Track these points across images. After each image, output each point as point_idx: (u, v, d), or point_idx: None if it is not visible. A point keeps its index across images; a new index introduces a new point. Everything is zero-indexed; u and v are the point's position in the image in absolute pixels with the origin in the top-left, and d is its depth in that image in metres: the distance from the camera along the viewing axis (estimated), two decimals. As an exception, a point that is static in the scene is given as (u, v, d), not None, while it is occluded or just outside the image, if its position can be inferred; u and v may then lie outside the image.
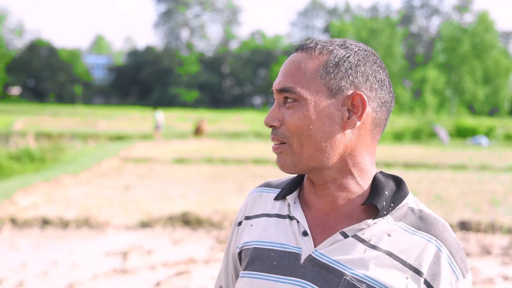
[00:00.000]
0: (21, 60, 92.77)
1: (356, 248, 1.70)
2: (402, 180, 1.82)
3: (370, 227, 1.72)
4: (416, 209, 1.77)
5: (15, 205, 11.75)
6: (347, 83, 1.71)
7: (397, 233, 1.72)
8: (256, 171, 17.49)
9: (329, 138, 1.71)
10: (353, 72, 1.72)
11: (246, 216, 1.94)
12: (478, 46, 74.44)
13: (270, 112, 1.76)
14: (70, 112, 57.46)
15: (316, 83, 1.71)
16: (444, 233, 1.73)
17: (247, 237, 1.88)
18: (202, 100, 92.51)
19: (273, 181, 1.99)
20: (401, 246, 1.70)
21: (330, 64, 1.72)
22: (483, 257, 8.83)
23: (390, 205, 1.75)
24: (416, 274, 1.67)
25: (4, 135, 29.13)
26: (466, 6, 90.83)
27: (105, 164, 18.24)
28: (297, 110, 1.71)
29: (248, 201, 1.98)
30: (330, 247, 1.72)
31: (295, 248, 1.76)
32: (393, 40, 77.67)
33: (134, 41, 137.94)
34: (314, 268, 1.71)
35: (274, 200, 1.90)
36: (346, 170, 1.75)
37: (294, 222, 1.80)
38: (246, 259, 1.83)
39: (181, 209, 11.44)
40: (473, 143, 32.42)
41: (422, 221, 1.74)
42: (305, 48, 1.76)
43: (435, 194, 13.69)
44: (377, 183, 1.77)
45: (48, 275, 7.76)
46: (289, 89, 1.71)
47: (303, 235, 1.76)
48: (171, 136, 30.64)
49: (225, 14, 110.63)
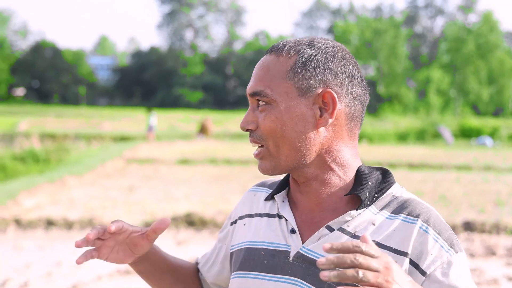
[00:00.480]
0: (25, 61, 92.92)
1: (342, 241, 1.70)
2: (388, 171, 1.82)
3: (355, 218, 1.73)
4: (400, 197, 1.78)
5: (19, 206, 11.77)
6: (316, 81, 1.72)
7: (380, 221, 1.72)
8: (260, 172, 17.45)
9: (303, 138, 1.73)
10: (321, 70, 1.73)
11: (240, 216, 1.97)
12: (483, 46, 74.35)
13: (245, 116, 1.80)
14: (74, 113, 57.56)
15: (286, 85, 1.73)
16: (426, 213, 1.73)
17: (239, 238, 1.91)
18: (206, 101, 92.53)
19: (268, 181, 2.02)
20: (385, 233, 1.70)
21: (297, 64, 1.73)
22: (487, 258, 8.82)
23: (374, 195, 1.75)
24: (401, 255, 1.67)
25: (8, 136, 29.18)
26: (470, 6, 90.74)
27: (109, 165, 18.25)
28: (269, 113, 1.73)
29: (244, 200, 2.00)
30: (317, 243, 1.72)
31: (284, 246, 1.77)
32: (397, 40, 77.63)
33: (138, 42, 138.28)
34: (303, 264, 1.72)
35: (265, 200, 1.92)
36: (326, 166, 1.76)
37: (283, 221, 1.82)
38: (239, 260, 1.85)
39: (185, 210, 11.44)
40: (477, 143, 32.38)
41: (404, 205, 1.74)
42: (274, 50, 1.79)
43: (439, 195, 13.67)
44: (360, 175, 1.78)
45: (52, 276, 7.78)
46: (260, 93, 1.74)
47: (291, 232, 1.78)
48: (175, 137, 30.65)
49: (229, 15, 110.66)
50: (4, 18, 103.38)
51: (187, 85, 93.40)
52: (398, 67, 76.93)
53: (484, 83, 73.43)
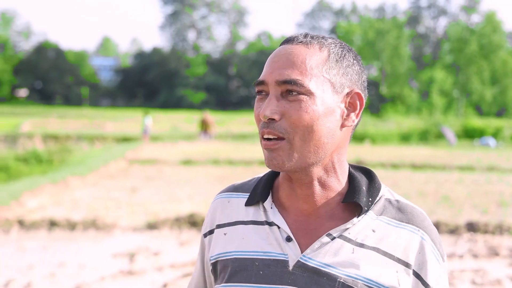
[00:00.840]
0: (28, 62, 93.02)
1: (344, 249, 1.68)
2: (371, 171, 1.81)
3: (355, 225, 1.70)
4: (393, 200, 1.77)
5: (22, 207, 11.77)
6: (347, 80, 1.70)
7: (381, 228, 1.71)
8: (263, 172, 17.44)
9: (330, 135, 1.68)
10: (350, 70, 1.71)
11: (218, 225, 1.85)
12: (486, 46, 74.31)
13: (268, 103, 1.66)
14: (77, 114, 57.61)
15: (322, 78, 1.67)
16: (424, 221, 1.74)
17: (222, 247, 1.80)
18: (209, 102, 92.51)
19: (239, 185, 1.92)
20: (386, 240, 1.69)
21: (332, 60, 1.69)
22: (491, 259, 8.81)
23: (369, 199, 1.73)
24: (405, 266, 1.68)
25: (11, 137, 29.21)
26: (473, 7, 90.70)
27: (112, 166, 18.26)
28: (304, 104, 1.64)
29: (216, 208, 1.89)
30: (318, 251, 1.68)
31: (281, 255, 1.70)
32: (400, 41, 77.61)
33: (141, 42, 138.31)
34: (304, 273, 1.67)
35: (246, 206, 1.83)
36: (331, 167, 1.73)
37: (274, 228, 1.74)
38: (227, 271, 1.75)
39: (188, 210, 11.43)
40: (480, 144, 32.35)
41: (402, 212, 1.74)
42: (302, 42, 1.71)
43: (442, 195, 13.66)
44: (353, 180, 1.76)
45: (55, 277, 7.77)
46: (296, 82, 1.64)
47: (286, 240, 1.71)
48: (178, 138, 30.65)
49: (231, 16, 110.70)
50: (7, 19, 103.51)
51: (189, 86, 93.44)
52: (401, 67, 76.89)
53: (487, 83, 73.40)
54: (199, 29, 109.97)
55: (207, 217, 1.92)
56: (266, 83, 1.69)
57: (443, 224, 10.24)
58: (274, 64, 1.69)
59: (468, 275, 7.90)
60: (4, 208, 11.36)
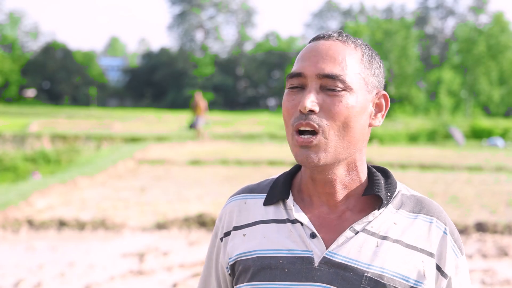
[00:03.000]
0: (36, 62, 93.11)
1: (369, 243, 1.71)
2: (387, 169, 1.84)
3: (376, 218, 1.73)
4: (409, 195, 1.81)
5: (31, 207, 11.81)
6: (376, 81, 1.76)
7: (401, 221, 1.74)
8: (271, 172, 17.47)
9: (362, 132, 1.73)
10: (378, 72, 1.77)
11: (235, 227, 1.85)
12: (494, 47, 74.10)
13: (308, 96, 1.68)
14: (85, 114, 57.64)
15: (358, 76, 1.72)
16: (441, 213, 1.78)
17: (241, 248, 1.80)
18: (216, 102, 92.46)
19: (253, 186, 1.92)
20: (408, 232, 1.73)
21: (365, 60, 1.74)
22: (500, 259, 8.80)
23: (387, 194, 1.77)
24: (429, 256, 1.71)
25: (19, 137, 29.24)
26: (481, 7, 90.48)
27: (120, 166, 18.28)
28: (344, 99, 1.68)
29: (231, 210, 1.89)
30: (343, 246, 1.71)
31: (305, 252, 1.72)
32: (408, 41, 77.46)
33: (149, 43, 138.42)
34: (330, 269, 1.69)
35: (265, 206, 1.83)
36: (353, 165, 1.77)
37: (297, 225, 1.75)
38: (249, 270, 1.76)
39: (197, 210, 11.45)
40: (488, 144, 32.27)
41: (420, 205, 1.78)
42: (339, 39, 1.75)
43: (451, 196, 13.64)
44: (372, 175, 1.80)
45: (65, 276, 7.80)
46: (338, 77, 1.68)
47: (311, 237, 1.73)
48: (186, 138, 30.64)
49: (239, 16, 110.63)
50: (15, 19, 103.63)
51: (197, 86, 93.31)
52: (408, 68, 76.70)
53: (495, 84, 73.19)
54: (207, 29, 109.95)
55: (221, 220, 1.91)
56: (304, 76, 1.71)
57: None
58: (314, 58, 1.71)
59: (478, 275, 7.90)
60: (13, 208, 11.39)
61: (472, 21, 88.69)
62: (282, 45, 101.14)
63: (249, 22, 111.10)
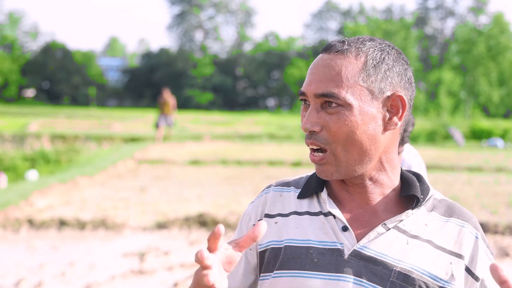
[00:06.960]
0: (35, 62, 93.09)
1: (399, 239, 1.74)
2: (419, 174, 1.86)
3: (409, 217, 1.76)
4: (440, 199, 1.84)
5: (32, 206, 11.80)
6: (386, 84, 1.74)
7: (433, 223, 1.77)
8: (271, 172, 17.47)
9: (373, 141, 1.73)
10: (390, 73, 1.74)
11: (267, 214, 1.89)
12: (493, 48, 74.12)
13: (309, 116, 1.74)
14: (85, 114, 57.60)
15: (359, 87, 1.71)
16: (472, 218, 1.82)
17: (273, 235, 1.83)
18: (216, 102, 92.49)
19: (290, 180, 1.96)
20: (438, 234, 1.76)
21: (369, 67, 1.73)
22: (501, 259, 8.80)
23: (421, 196, 1.79)
24: (458, 258, 1.73)
25: (19, 137, 29.21)
26: (481, 8, 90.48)
27: (120, 166, 18.28)
28: (342, 116, 1.70)
29: (266, 199, 1.92)
30: (374, 240, 1.74)
31: (336, 244, 1.75)
32: (408, 42, 77.50)
33: (148, 43, 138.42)
34: (360, 262, 1.72)
35: (299, 199, 1.87)
36: (381, 167, 1.78)
37: (330, 218, 1.79)
38: (278, 258, 1.79)
39: (197, 210, 11.45)
40: (488, 145, 32.28)
41: (451, 209, 1.82)
42: (338, 50, 1.75)
43: (451, 196, 13.63)
44: (406, 177, 1.83)
45: (66, 276, 7.80)
46: (333, 95, 1.70)
47: (343, 230, 1.76)
48: (185, 138, 30.63)
49: (239, 16, 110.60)
50: (14, 19, 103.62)
51: (197, 86, 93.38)
52: (408, 68, 76.71)
53: (494, 84, 73.23)
54: (207, 29, 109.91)
55: (254, 206, 1.93)
56: (306, 95, 1.76)
57: (453, 225, 10.23)
58: (312, 76, 1.75)
59: (479, 276, 7.88)
60: (14, 207, 11.39)
61: (472, 21, 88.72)
62: (281, 46, 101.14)
63: (249, 22, 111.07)
